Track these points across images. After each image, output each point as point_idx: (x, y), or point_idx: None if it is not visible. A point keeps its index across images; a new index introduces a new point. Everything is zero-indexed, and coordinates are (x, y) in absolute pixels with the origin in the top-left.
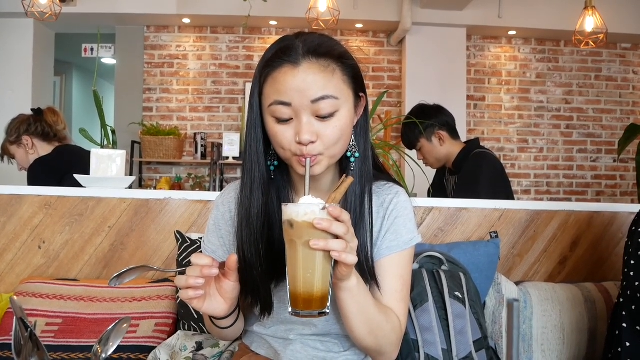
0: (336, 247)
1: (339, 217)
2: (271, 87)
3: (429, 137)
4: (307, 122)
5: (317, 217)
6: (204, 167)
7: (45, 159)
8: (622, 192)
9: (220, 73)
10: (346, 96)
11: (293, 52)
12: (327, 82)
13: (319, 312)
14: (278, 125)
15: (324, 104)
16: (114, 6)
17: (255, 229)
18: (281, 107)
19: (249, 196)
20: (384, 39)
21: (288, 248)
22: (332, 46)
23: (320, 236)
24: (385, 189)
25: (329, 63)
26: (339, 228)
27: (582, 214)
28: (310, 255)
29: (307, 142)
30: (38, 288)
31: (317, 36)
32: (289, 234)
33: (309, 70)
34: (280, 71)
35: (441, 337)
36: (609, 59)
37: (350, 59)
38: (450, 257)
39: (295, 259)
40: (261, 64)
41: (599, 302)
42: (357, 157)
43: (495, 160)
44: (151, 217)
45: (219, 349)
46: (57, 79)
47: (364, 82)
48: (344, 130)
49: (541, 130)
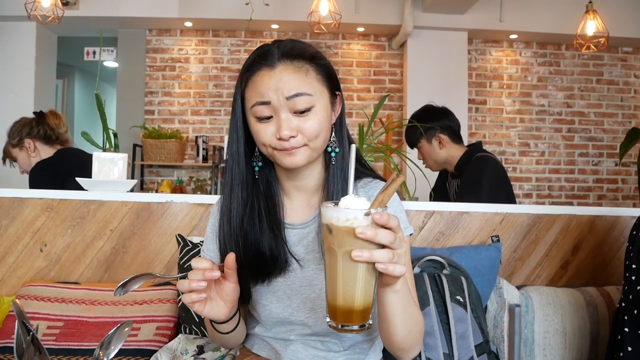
0: (382, 259)
1: (386, 224)
2: (251, 89)
3: (429, 139)
4: (286, 118)
5: (360, 226)
6: (206, 170)
7: (47, 162)
8: (623, 196)
9: (222, 76)
10: (320, 93)
11: (269, 57)
12: (302, 81)
13: (359, 326)
14: (259, 123)
15: (299, 100)
16: (116, 9)
17: (235, 224)
18: (262, 107)
19: (229, 193)
20: (385, 42)
21: (327, 255)
22: (304, 48)
23: (363, 245)
24: (371, 185)
25: (302, 64)
26: (385, 237)
27: (584, 217)
28: (351, 267)
29: (287, 137)
30: (39, 291)
31: (290, 41)
32: (328, 240)
33: (284, 71)
34: (259, 74)
35: (442, 341)
36: (611, 62)
37: (322, 59)
38: (452, 261)
39: (334, 269)
40: (242, 69)
41: (600, 306)
42: (337, 152)
43: (497, 164)
44: (153, 220)
45: (220, 352)
46: (59, 82)
47: (339, 81)
48: (322, 124)
49: (542, 134)
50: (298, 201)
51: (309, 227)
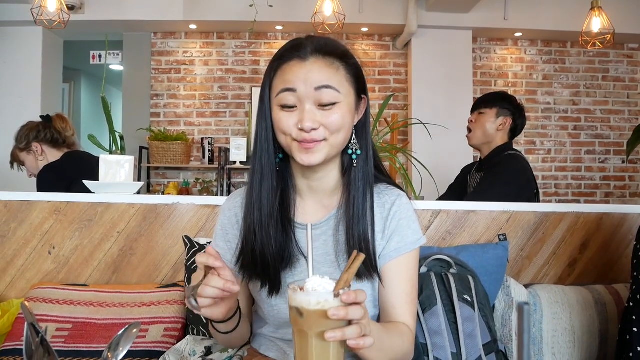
0: (353, 335)
1: (355, 301)
2: (280, 78)
3: (499, 114)
4: (310, 110)
5: (332, 308)
6: (212, 172)
7: (54, 165)
8: (631, 193)
9: (227, 78)
10: (347, 92)
11: (302, 49)
12: (331, 76)
13: None
14: (282, 111)
15: (326, 93)
16: (122, 13)
17: (267, 211)
18: (287, 94)
19: (260, 181)
20: (389, 42)
21: (297, 338)
22: (336, 46)
23: (334, 325)
24: (386, 191)
25: (333, 60)
26: (356, 313)
27: (591, 215)
28: (324, 346)
29: (309, 129)
30: (48, 293)
31: (324, 38)
32: (298, 323)
33: (315, 64)
34: (289, 64)
35: (450, 340)
36: (616, 59)
37: (352, 58)
38: (459, 260)
39: (306, 352)
40: (273, 59)
41: (609, 304)
42: (359, 154)
43: (525, 162)
44: (159, 222)
45: (227, 353)
46: (65, 86)
47: (367, 85)
48: (345, 121)
49: (549, 131)
50: (311, 201)
51: (320, 228)
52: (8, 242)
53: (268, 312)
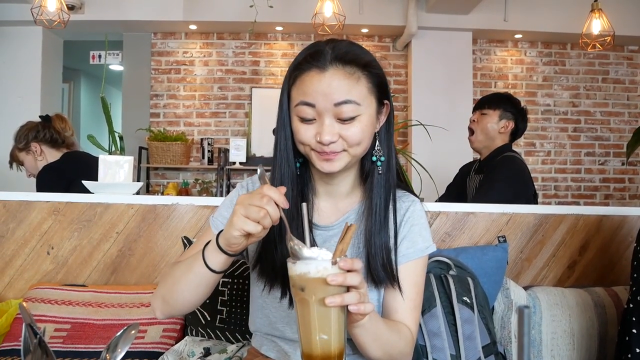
0: (353, 301)
1: (351, 269)
2: (298, 88)
3: (502, 117)
4: (329, 124)
5: (330, 274)
6: (211, 173)
7: (54, 165)
8: (630, 195)
9: (227, 79)
10: (368, 103)
11: (321, 58)
12: (351, 88)
13: None
14: (301, 123)
15: (346, 108)
16: (121, 13)
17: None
18: (305, 108)
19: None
20: (389, 43)
21: (299, 307)
22: (359, 54)
23: (334, 291)
24: (402, 197)
25: (354, 70)
26: (354, 279)
27: (591, 217)
28: (325, 313)
29: (328, 142)
30: (47, 294)
31: (346, 44)
32: (299, 293)
33: (334, 75)
34: (308, 74)
35: (449, 342)
36: (616, 61)
37: (377, 68)
38: (458, 261)
39: (308, 319)
40: (291, 66)
41: (609, 306)
42: (383, 160)
43: (522, 164)
44: (159, 222)
45: (226, 354)
46: (65, 86)
47: (389, 90)
48: (365, 133)
49: (548, 133)
50: (326, 203)
51: (333, 230)
52: (7, 242)
53: (272, 310)
